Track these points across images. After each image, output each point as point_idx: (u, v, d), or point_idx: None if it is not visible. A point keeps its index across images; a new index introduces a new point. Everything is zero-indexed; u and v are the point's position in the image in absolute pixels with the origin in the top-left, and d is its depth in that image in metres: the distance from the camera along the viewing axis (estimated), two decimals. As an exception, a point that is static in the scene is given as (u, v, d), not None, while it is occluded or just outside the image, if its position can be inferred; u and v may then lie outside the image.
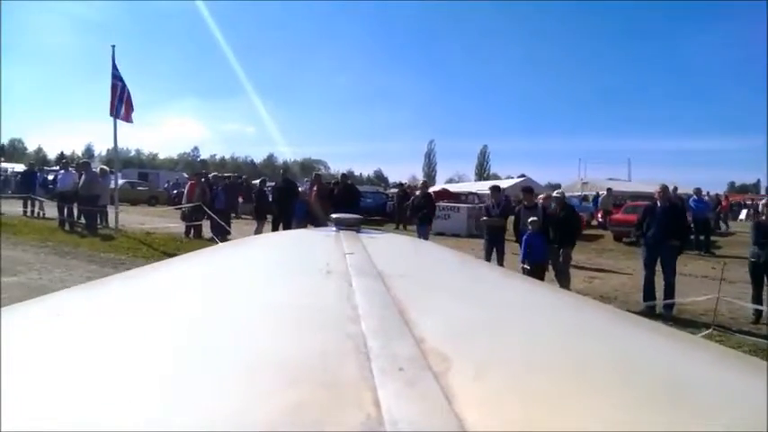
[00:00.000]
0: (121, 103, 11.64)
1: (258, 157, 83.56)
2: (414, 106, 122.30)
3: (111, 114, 11.64)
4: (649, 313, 5.88)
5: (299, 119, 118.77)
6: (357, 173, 73.67)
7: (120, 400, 0.40)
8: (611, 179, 34.85)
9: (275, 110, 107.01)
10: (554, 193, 8.26)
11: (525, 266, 6.96)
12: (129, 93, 11.88)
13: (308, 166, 72.42)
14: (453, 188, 29.92)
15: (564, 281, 7.11)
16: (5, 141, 69.34)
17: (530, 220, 7.12)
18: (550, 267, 7.17)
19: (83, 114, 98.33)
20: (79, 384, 0.43)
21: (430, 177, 74.68)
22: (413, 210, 10.06)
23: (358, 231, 1.27)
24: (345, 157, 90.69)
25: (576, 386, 0.46)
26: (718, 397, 0.49)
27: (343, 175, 10.79)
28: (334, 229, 1.31)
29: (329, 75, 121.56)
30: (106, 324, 0.61)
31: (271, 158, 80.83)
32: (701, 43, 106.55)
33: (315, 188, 11.21)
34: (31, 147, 74.99)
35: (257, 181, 14.18)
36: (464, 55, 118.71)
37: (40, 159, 46.68)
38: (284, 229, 10.91)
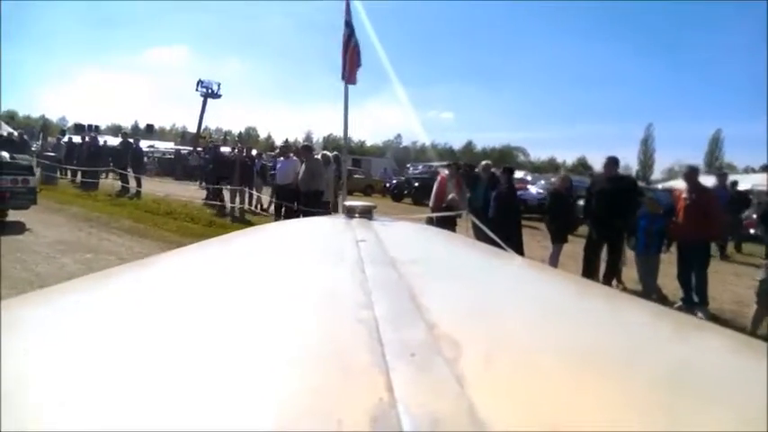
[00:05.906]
0: (347, 60, 8.46)
1: (456, 143, 79.80)
2: (627, 84, 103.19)
3: (343, 79, 8.51)
4: None
5: (496, 104, 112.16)
6: (559, 160, 64.77)
7: (133, 390, 0.41)
8: None
9: (474, 95, 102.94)
10: None
11: None
12: (357, 45, 8.84)
13: (506, 154, 66.16)
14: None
15: None
16: (242, 129, 79.17)
17: None
18: None
19: (306, 102, 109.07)
20: (86, 379, 0.43)
21: (646, 167, 61.40)
22: None
23: (370, 219, 1.25)
24: (544, 144, 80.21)
25: (588, 371, 0.46)
26: (727, 381, 0.48)
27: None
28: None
29: (525, 54, 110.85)
30: (115, 315, 0.60)
31: (469, 145, 76.41)
32: None
33: (687, 194, 5.94)
34: (262, 134, 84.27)
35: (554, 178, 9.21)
36: (690, 22, 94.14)
37: (268, 147, 50.66)
38: (612, 263, 6.22)
